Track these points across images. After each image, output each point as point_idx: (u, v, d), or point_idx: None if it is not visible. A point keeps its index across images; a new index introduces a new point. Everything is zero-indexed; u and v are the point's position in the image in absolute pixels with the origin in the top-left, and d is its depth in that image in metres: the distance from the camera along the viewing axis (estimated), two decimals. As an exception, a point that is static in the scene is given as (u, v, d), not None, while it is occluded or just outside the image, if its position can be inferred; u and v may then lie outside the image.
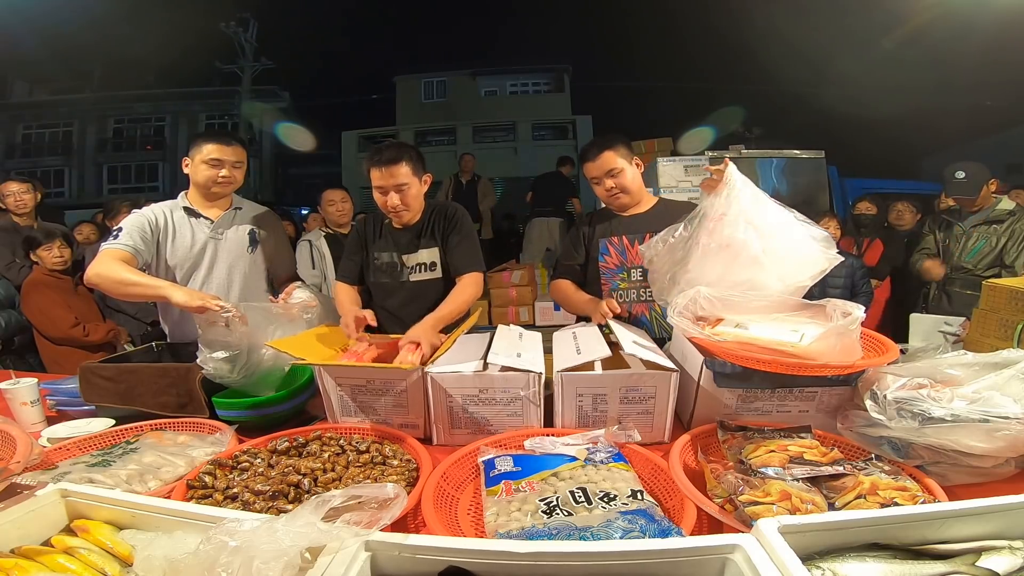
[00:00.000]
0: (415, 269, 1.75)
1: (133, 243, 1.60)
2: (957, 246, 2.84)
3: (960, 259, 2.82)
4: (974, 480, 0.93)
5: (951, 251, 2.87)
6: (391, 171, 1.61)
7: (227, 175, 1.71)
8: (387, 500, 0.68)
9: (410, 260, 1.75)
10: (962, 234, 2.83)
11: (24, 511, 0.74)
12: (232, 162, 1.72)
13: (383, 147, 1.64)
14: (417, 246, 1.74)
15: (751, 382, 1.12)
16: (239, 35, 14.05)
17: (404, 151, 1.64)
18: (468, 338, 1.45)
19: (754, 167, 4.28)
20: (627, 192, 1.73)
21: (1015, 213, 2.73)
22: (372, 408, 1.25)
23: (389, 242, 1.76)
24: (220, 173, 1.70)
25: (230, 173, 1.72)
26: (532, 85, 15.89)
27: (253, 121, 15.44)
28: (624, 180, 1.71)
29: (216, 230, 1.75)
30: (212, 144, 1.69)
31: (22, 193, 3.22)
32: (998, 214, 2.75)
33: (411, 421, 1.24)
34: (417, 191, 1.68)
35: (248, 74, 14.55)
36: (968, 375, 0.99)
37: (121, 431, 1.24)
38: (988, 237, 2.74)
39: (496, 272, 4.41)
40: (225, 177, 1.71)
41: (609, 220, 1.80)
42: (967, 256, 2.79)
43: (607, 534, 0.73)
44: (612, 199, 1.76)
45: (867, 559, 0.65)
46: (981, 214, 2.79)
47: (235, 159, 1.72)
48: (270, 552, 0.57)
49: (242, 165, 1.75)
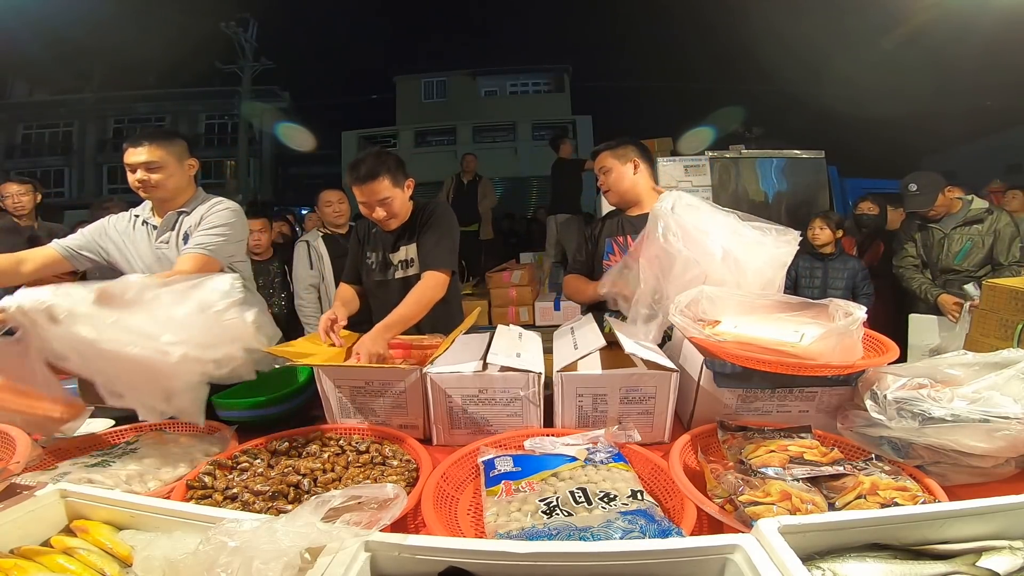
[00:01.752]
0: (399, 267, 1.78)
1: (65, 243, 1.56)
2: (940, 250, 2.86)
3: (948, 262, 2.83)
4: (974, 480, 0.93)
5: (935, 256, 2.88)
6: (371, 188, 1.60)
7: (143, 178, 1.53)
8: (387, 500, 0.68)
9: (395, 258, 1.78)
10: (943, 237, 2.85)
11: (24, 511, 0.74)
12: (143, 164, 1.53)
13: (360, 161, 1.61)
14: (399, 243, 1.78)
15: (751, 382, 1.12)
16: (239, 35, 14.03)
17: (380, 164, 1.61)
18: (468, 338, 1.45)
19: (754, 167, 4.28)
20: (615, 192, 1.82)
21: (992, 212, 2.77)
22: (371, 409, 1.25)
23: (378, 242, 1.81)
24: (136, 177, 1.54)
25: (145, 176, 1.53)
26: (532, 85, 15.91)
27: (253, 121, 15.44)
28: (610, 179, 1.80)
29: (160, 237, 1.64)
30: (127, 147, 1.55)
31: (21, 195, 3.22)
32: (975, 214, 2.78)
33: (410, 422, 1.24)
34: (401, 200, 1.69)
35: (248, 74, 14.53)
36: (968, 375, 0.99)
37: (121, 431, 1.24)
38: (972, 238, 2.77)
39: (496, 272, 4.41)
40: (143, 181, 1.54)
41: (616, 220, 1.85)
42: (955, 259, 2.81)
43: (607, 534, 0.72)
44: (604, 195, 1.88)
45: (867, 559, 0.65)
46: (957, 216, 2.81)
47: (147, 160, 1.53)
48: (270, 552, 0.57)
49: (160, 166, 1.55)
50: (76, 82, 15.98)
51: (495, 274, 4.36)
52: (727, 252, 1.28)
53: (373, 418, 1.25)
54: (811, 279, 3.20)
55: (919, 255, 2.97)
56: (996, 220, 2.74)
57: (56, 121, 16.32)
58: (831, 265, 3.16)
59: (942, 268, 2.85)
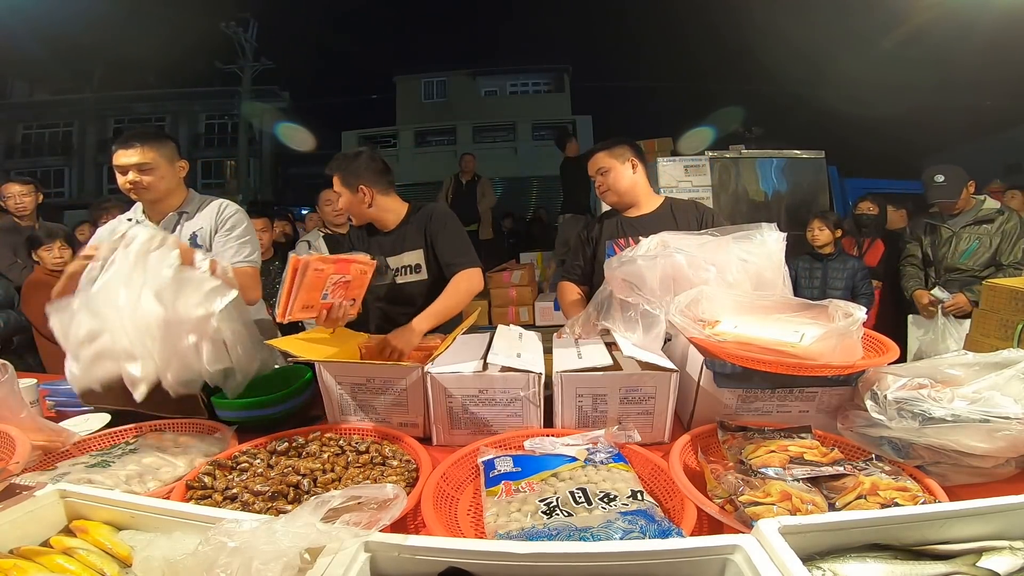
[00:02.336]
0: (400, 271, 1.77)
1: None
2: (947, 249, 2.84)
3: (953, 261, 2.82)
4: (974, 480, 0.93)
5: (941, 254, 2.87)
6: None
7: (134, 180, 1.52)
8: (387, 500, 0.67)
9: (394, 262, 1.77)
10: (951, 236, 2.84)
11: (23, 511, 0.74)
12: (135, 165, 1.51)
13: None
14: (401, 248, 1.76)
15: (751, 382, 1.12)
16: (239, 35, 14.04)
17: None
18: (468, 338, 1.45)
19: (754, 167, 4.28)
20: (614, 192, 1.80)
21: (1003, 212, 2.76)
22: (372, 406, 1.25)
23: (375, 246, 1.79)
24: (127, 179, 1.52)
25: (137, 178, 1.52)
26: (532, 85, 15.92)
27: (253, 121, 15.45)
28: (608, 180, 1.79)
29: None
30: (116, 148, 1.53)
31: (23, 195, 3.22)
32: (986, 214, 2.76)
33: (411, 420, 1.24)
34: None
35: (248, 74, 14.55)
36: (968, 375, 0.99)
37: (121, 431, 1.24)
38: (980, 237, 2.76)
39: (496, 272, 4.41)
40: (134, 183, 1.52)
41: (616, 221, 1.83)
42: (961, 258, 2.79)
43: (607, 535, 0.72)
44: (603, 196, 1.85)
45: (867, 559, 0.65)
46: (968, 215, 2.80)
47: (138, 161, 1.51)
48: (269, 553, 0.57)
49: (152, 168, 1.54)
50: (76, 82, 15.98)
51: (495, 274, 4.35)
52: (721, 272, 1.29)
53: (373, 415, 1.25)
54: (811, 279, 3.20)
55: (923, 254, 2.96)
56: (1006, 221, 2.72)
57: (56, 121, 16.32)
58: (831, 265, 3.17)
59: (946, 267, 2.84)
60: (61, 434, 1.13)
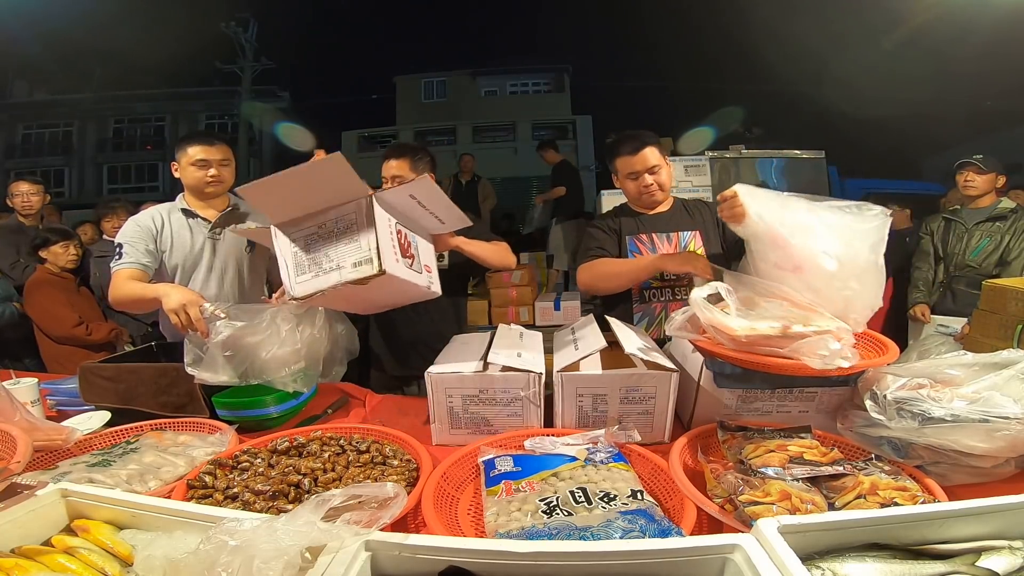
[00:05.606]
0: None
1: (137, 259, 1.61)
2: (960, 244, 2.84)
3: (964, 257, 2.82)
4: (974, 480, 0.93)
5: (953, 250, 2.87)
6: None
7: (216, 174, 1.70)
8: (387, 500, 0.68)
9: None
10: (964, 232, 2.83)
11: (24, 511, 0.74)
12: (218, 161, 1.71)
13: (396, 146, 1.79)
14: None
15: (751, 382, 1.12)
16: (239, 35, 14.01)
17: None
18: (468, 338, 1.45)
19: (754, 167, 4.29)
20: (664, 190, 1.72)
21: (1017, 211, 2.75)
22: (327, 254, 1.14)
23: None
24: (208, 173, 1.69)
25: (218, 172, 1.71)
26: (532, 85, 15.88)
27: (253, 121, 15.42)
28: (662, 178, 1.70)
29: (214, 230, 1.75)
30: (196, 146, 1.69)
31: (31, 194, 3.24)
32: (1001, 211, 2.76)
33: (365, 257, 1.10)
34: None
35: (248, 74, 14.52)
36: (968, 375, 0.99)
37: (121, 431, 1.24)
38: (992, 235, 2.76)
39: (496, 272, 4.40)
40: (214, 176, 1.70)
41: (633, 219, 1.75)
42: (971, 254, 2.79)
43: (607, 534, 0.73)
44: (647, 195, 1.71)
45: (867, 559, 0.65)
46: (983, 211, 2.80)
47: (221, 157, 1.71)
48: (270, 552, 0.57)
49: (229, 163, 1.75)
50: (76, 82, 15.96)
51: (495, 274, 4.35)
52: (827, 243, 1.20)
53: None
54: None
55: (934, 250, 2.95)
56: (1018, 219, 2.72)
57: (56, 121, 16.28)
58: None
59: (956, 263, 2.84)
60: (63, 432, 1.13)
